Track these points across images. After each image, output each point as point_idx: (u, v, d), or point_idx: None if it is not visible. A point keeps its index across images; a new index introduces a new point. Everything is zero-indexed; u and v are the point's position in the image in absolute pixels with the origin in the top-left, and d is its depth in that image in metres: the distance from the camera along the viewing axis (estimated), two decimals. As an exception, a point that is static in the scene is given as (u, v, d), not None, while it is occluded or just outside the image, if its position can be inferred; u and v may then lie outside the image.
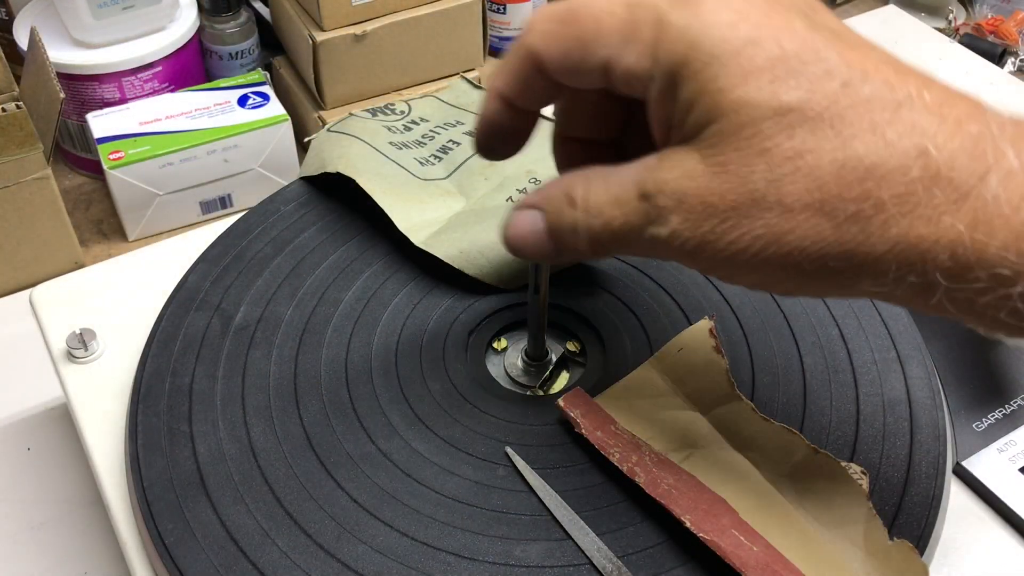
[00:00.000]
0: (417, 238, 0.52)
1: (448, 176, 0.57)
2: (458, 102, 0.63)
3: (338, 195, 0.56)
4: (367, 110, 0.62)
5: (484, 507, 0.41)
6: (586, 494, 0.41)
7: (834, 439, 0.43)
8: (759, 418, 0.42)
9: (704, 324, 0.46)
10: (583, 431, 0.42)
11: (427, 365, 0.47)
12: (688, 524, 0.38)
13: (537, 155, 0.56)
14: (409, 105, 0.63)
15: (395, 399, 0.46)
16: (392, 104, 0.63)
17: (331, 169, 0.55)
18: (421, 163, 0.57)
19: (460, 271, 0.50)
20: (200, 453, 0.44)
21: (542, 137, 0.58)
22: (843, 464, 0.40)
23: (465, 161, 0.57)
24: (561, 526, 0.40)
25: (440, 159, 0.58)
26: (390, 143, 0.58)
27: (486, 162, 0.56)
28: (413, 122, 0.61)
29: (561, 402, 0.44)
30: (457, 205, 0.55)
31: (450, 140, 0.59)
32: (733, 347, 0.47)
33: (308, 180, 0.57)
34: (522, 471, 0.42)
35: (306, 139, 0.67)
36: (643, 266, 0.51)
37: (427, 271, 0.52)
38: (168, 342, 0.49)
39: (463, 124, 0.61)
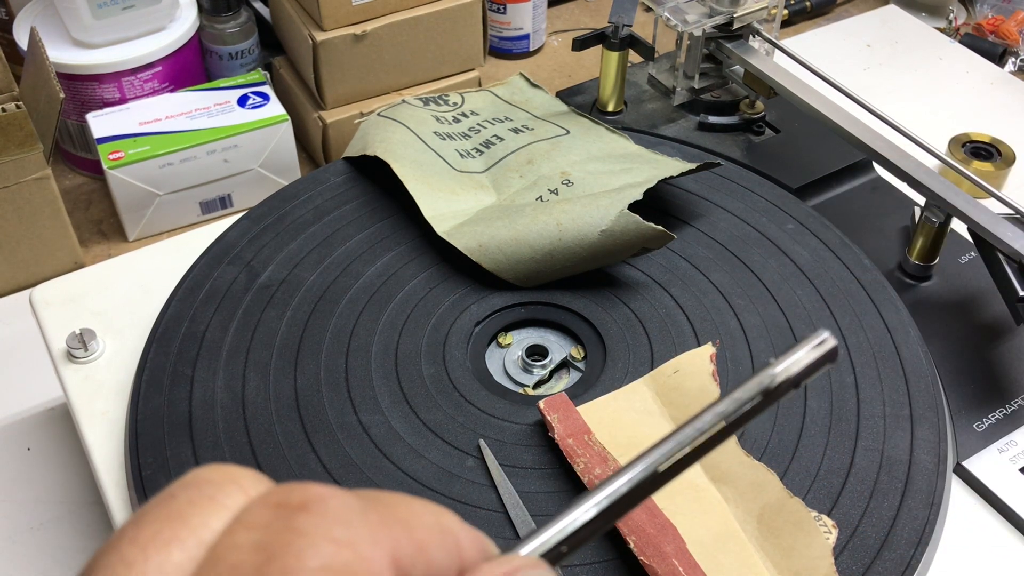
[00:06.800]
0: (441, 227, 0.52)
1: (486, 170, 0.57)
2: (512, 99, 0.63)
3: (387, 175, 0.56)
4: (419, 97, 0.62)
5: (444, 494, 0.41)
6: (546, 498, 0.41)
7: (817, 488, 0.42)
8: (741, 453, 0.41)
9: (706, 349, 0.45)
10: (555, 436, 0.42)
11: (427, 348, 0.48)
12: (631, 544, 0.38)
13: (575, 157, 0.57)
14: (463, 97, 0.63)
15: (387, 375, 0.46)
16: (446, 94, 0.63)
17: (370, 152, 0.56)
18: (461, 155, 0.58)
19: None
20: (195, 397, 0.45)
21: (582, 140, 0.58)
22: (814, 515, 0.39)
23: (504, 157, 0.57)
24: (513, 526, 0.40)
25: (481, 153, 0.58)
26: (435, 132, 0.59)
27: (524, 159, 0.56)
28: (463, 114, 0.61)
29: (541, 404, 0.44)
30: (488, 199, 0.55)
31: (495, 135, 0.59)
32: (739, 377, 0.46)
33: (364, 157, 0.57)
34: (489, 465, 0.42)
35: (356, 120, 0.68)
36: (666, 284, 0.51)
37: (450, 260, 0.52)
38: (195, 290, 0.50)
39: (511, 120, 0.60)
